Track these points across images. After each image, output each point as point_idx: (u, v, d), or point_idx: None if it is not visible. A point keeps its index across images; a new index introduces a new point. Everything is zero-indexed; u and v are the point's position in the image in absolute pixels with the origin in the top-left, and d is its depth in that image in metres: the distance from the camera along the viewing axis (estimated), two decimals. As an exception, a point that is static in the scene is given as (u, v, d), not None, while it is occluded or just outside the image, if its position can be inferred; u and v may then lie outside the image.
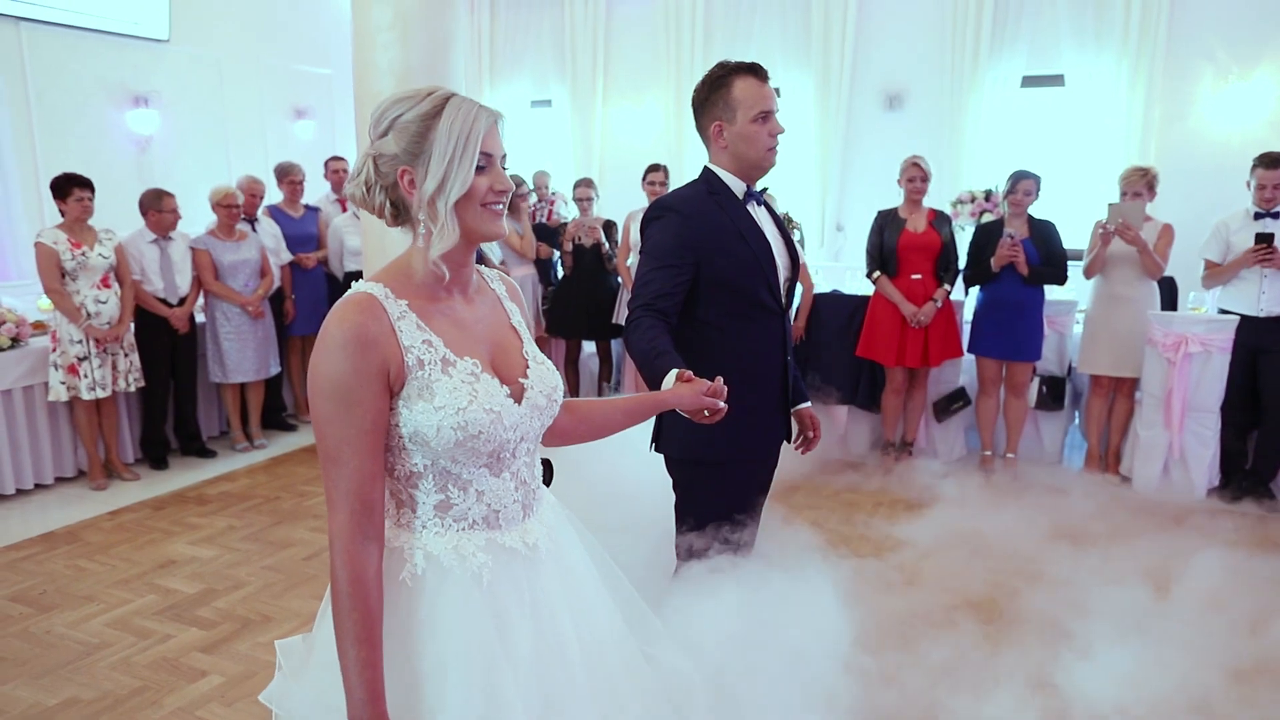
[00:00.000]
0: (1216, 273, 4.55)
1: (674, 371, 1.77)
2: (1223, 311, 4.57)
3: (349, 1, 3.98)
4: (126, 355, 4.85)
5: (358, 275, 5.57)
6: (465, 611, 1.32)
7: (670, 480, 2.38)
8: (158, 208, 4.99)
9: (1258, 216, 4.41)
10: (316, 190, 6.52)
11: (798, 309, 5.15)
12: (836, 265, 6.65)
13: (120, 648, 3.16)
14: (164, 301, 5.06)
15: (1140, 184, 4.61)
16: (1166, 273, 4.81)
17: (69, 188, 4.64)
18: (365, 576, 1.26)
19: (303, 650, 1.44)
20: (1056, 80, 6.34)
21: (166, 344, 5.10)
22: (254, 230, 5.55)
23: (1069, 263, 4.76)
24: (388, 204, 1.37)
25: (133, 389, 4.90)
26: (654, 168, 5.63)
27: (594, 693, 1.42)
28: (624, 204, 6.06)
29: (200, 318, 5.38)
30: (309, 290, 5.90)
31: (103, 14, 6.14)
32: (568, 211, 6.31)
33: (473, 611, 1.32)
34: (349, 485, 1.26)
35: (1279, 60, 5.75)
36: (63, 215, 4.67)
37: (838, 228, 7.02)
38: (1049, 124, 6.44)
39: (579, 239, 5.81)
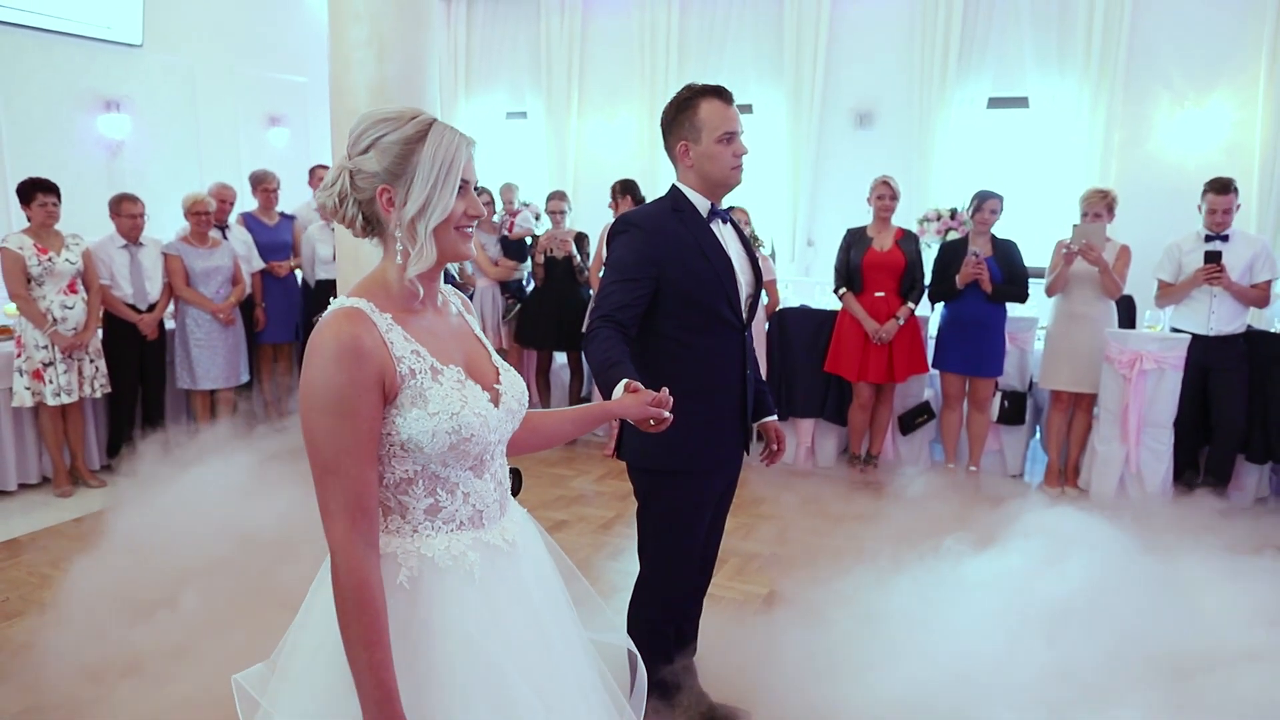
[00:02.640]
0: (1169, 292, 4.70)
1: (623, 382, 1.84)
2: (1175, 330, 4.72)
3: (325, 11, 4.02)
4: (93, 361, 4.82)
5: (329, 283, 5.59)
6: (464, 609, 1.37)
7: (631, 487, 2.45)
8: (117, 211, 4.99)
9: (1208, 239, 4.56)
10: (293, 198, 6.52)
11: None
12: (806, 280, 6.75)
13: (83, 656, 3.13)
14: (133, 307, 5.04)
15: (1100, 205, 4.75)
16: (1126, 292, 4.96)
17: (33, 192, 4.62)
18: (369, 582, 1.29)
19: (266, 676, 1.45)
20: (1021, 102, 6.50)
21: (135, 350, 5.08)
22: (226, 237, 5.54)
23: (1029, 280, 4.89)
24: (360, 217, 1.42)
25: (99, 395, 4.87)
26: (613, 187, 5.64)
27: (574, 673, 1.50)
28: (597, 216, 6.12)
29: (170, 324, 5.36)
30: (280, 298, 5.89)
31: (75, 18, 6.11)
32: (538, 226, 6.37)
33: (471, 608, 1.37)
34: (348, 495, 1.29)
35: (1233, 88, 5.95)
36: (29, 220, 4.65)
37: (808, 243, 7.13)
38: (1013, 145, 6.60)
39: (551, 251, 5.86)
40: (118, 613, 3.28)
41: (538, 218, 6.47)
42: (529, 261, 6.15)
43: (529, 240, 6.20)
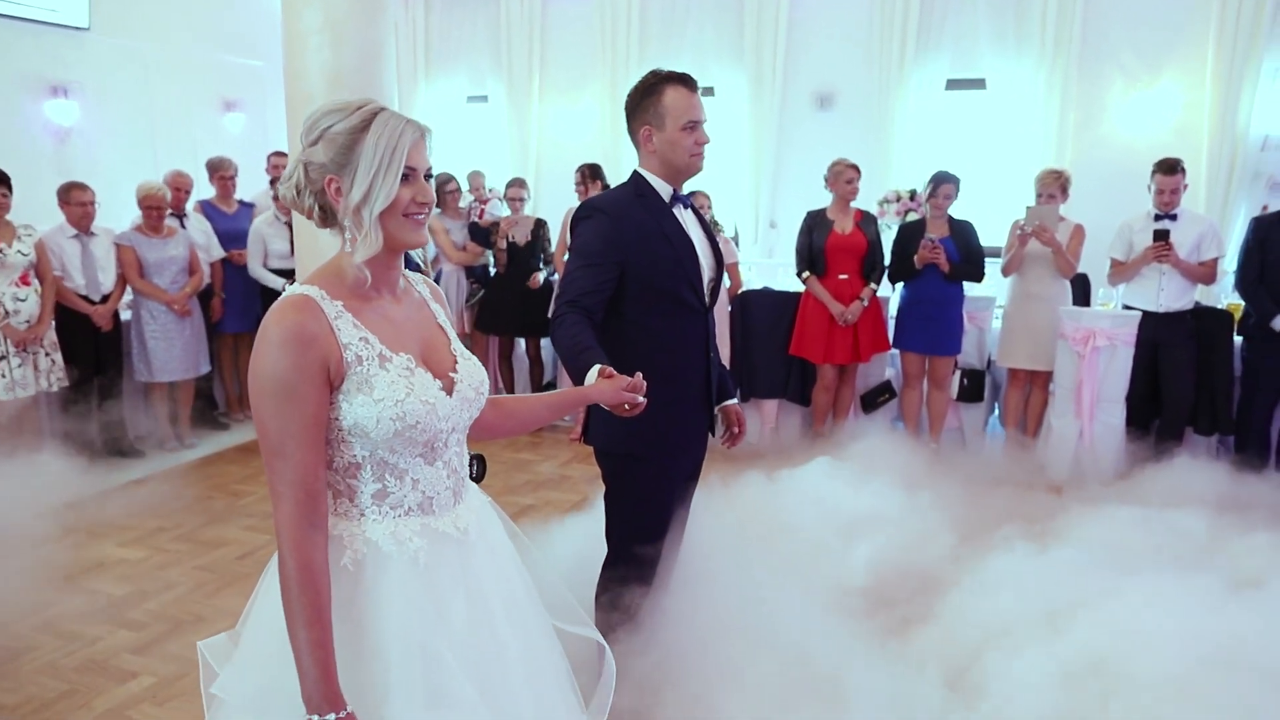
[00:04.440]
0: (1120, 270, 4.81)
1: (596, 367, 1.86)
2: (1127, 307, 4.84)
3: (279, -4, 3.95)
4: (48, 354, 4.72)
5: (285, 274, 5.51)
6: (405, 592, 1.40)
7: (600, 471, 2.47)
8: (66, 200, 4.88)
9: (1157, 218, 4.67)
10: (252, 185, 6.41)
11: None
12: (769, 262, 6.80)
13: (46, 651, 3.11)
14: (86, 299, 4.94)
15: (1054, 186, 4.84)
16: (1081, 270, 5.07)
17: (-18, 183, 4.51)
18: (313, 562, 1.33)
19: (229, 647, 1.49)
20: (978, 84, 6.58)
21: (90, 342, 4.98)
22: (183, 226, 5.44)
23: (986, 260, 4.98)
24: (316, 208, 1.45)
25: (55, 389, 4.77)
26: (579, 168, 5.65)
27: (522, 662, 1.52)
28: (559, 200, 6.09)
29: (126, 315, 5.26)
30: (241, 287, 5.79)
31: (17, 0, 5.94)
32: (502, 211, 6.35)
33: (411, 592, 1.40)
34: (293, 477, 1.33)
35: (1182, 70, 6.09)
36: (-22, 211, 4.54)
37: (771, 225, 7.18)
38: (971, 126, 6.70)
39: (512, 236, 5.84)
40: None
41: (501, 200, 6.45)
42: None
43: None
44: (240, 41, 7.53)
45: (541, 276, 5.78)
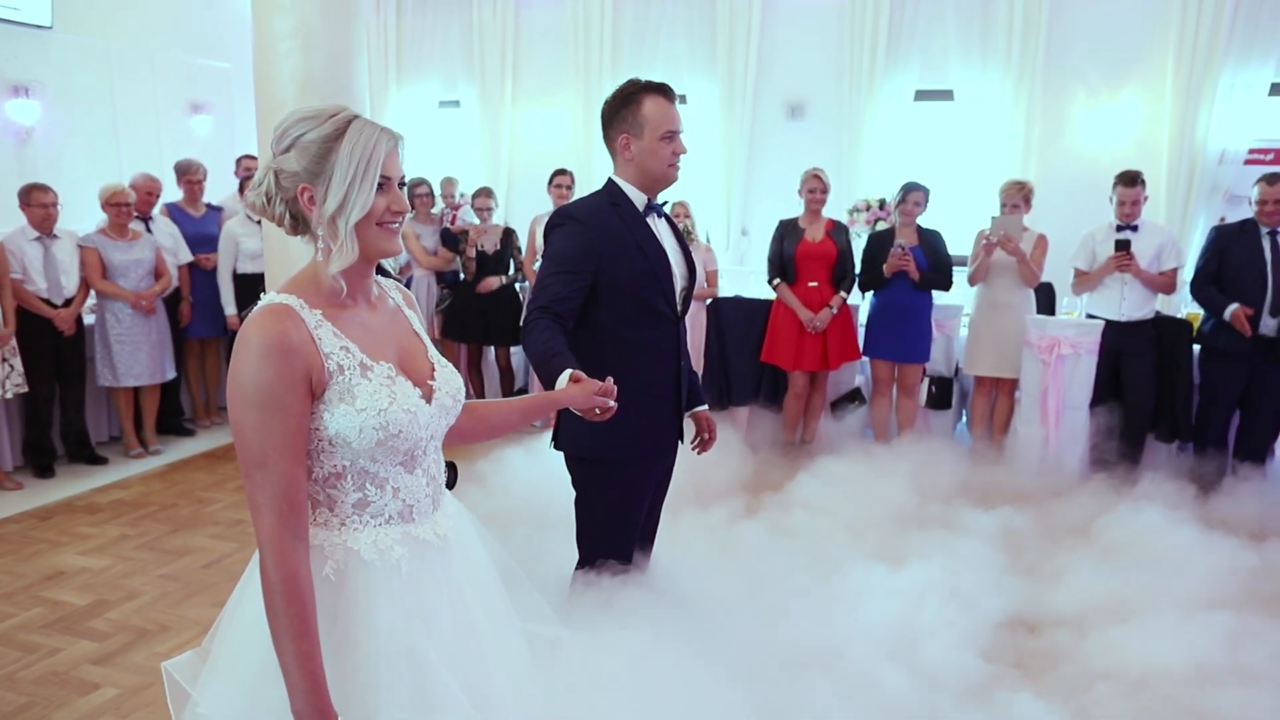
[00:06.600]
0: (1083, 280, 4.90)
1: (568, 371, 1.87)
2: (1090, 316, 4.94)
3: (249, -2, 3.91)
4: (6, 360, 4.62)
5: (254, 278, 5.44)
6: (388, 601, 1.39)
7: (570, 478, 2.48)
8: (27, 202, 4.78)
9: (1119, 229, 4.77)
10: (220, 189, 6.33)
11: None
12: (741, 269, 6.84)
13: (3, 664, 3.04)
14: (48, 302, 4.85)
15: (1017, 197, 4.93)
16: (1046, 279, 5.16)
17: (-59, 184, 4.40)
18: (298, 574, 1.31)
19: (196, 665, 1.47)
20: (946, 95, 6.67)
21: (51, 346, 4.88)
22: (149, 230, 5.36)
23: (954, 269, 5.05)
24: (287, 215, 1.43)
25: (10, 395, 4.67)
26: (560, 172, 5.70)
27: (503, 666, 1.53)
28: (531, 207, 6.07)
29: (89, 318, 5.16)
30: (208, 291, 5.71)
31: (-21, -2, 5.82)
32: (474, 218, 6.34)
33: (395, 600, 1.40)
34: (276, 489, 1.31)
35: (1143, 84, 6.22)
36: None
37: (743, 232, 7.22)
38: (939, 136, 6.78)
39: (480, 245, 5.83)
40: None
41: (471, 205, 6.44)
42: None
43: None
44: (207, 43, 7.43)
45: (496, 282, 5.77)
